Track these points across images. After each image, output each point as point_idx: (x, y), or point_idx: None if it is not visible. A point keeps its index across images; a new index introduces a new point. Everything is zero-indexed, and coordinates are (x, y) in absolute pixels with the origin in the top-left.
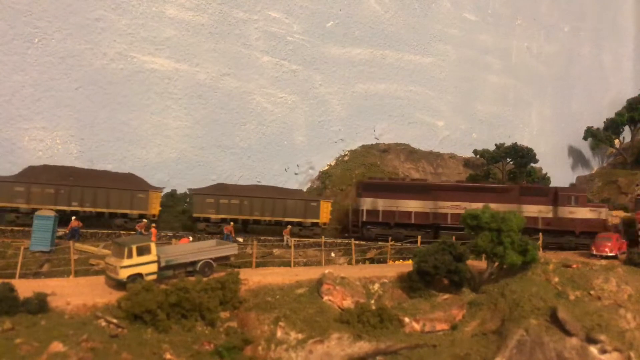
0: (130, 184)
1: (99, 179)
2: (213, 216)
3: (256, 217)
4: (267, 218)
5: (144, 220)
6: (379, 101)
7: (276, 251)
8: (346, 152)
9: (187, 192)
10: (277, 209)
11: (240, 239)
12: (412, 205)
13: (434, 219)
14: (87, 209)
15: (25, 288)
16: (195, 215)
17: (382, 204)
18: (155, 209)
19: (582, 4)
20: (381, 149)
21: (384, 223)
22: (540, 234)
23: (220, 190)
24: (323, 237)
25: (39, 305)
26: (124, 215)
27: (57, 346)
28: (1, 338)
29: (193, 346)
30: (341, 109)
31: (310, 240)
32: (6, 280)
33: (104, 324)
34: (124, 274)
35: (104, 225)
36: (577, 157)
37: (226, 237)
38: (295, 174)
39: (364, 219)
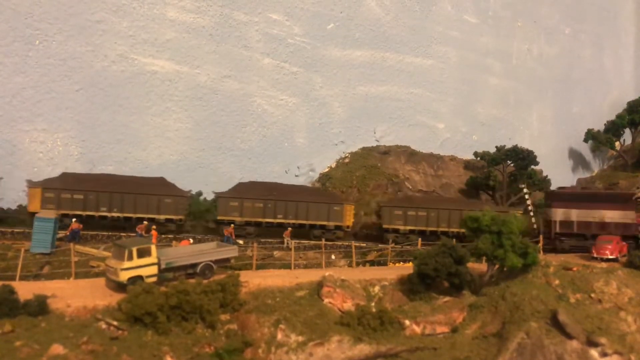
0: (327, 198)
1: (298, 193)
2: (401, 227)
3: (443, 228)
4: (455, 230)
5: (145, 222)
6: (379, 103)
7: (277, 253)
8: (347, 154)
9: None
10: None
11: (241, 242)
12: (612, 216)
13: (638, 230)
14: (291, 221)
15: (25, 290)
16: (385, 226)
17: (576, 214)
18: (349, 220)
19: (583, 6)
20: (382, 151)
21: (578, 234)
22: (541, 236)
23: (408, 202)
24: None
25: (39, 307)
26: (322, 227)
27: (57, 348)
28: (1, 340)
29: (193, 348)
30: (342, 111)
31: (311, 242)
32: (6, 283)
33: (104, 326)
34: (124, 276)
35: (304, 236)
36: (577, 159)
37: (226, 239)
38: (296, 175)
39: (557, 230)
